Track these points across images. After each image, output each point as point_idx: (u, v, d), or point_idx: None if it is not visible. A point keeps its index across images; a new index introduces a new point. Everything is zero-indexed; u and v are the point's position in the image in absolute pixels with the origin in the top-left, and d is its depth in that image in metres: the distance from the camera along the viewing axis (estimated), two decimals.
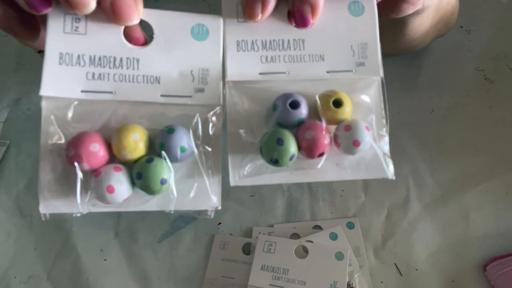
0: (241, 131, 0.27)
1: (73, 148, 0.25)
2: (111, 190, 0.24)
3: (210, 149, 0.27)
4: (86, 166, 0.25)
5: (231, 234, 0.41)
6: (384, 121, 0.28)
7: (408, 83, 0.49)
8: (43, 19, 0.25)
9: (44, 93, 0.26)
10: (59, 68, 0.25)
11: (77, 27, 0.25)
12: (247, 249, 0.40)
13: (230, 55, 0.27)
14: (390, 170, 0.28)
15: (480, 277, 0.37)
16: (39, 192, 0.27)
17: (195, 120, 0.26)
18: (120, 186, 0.24)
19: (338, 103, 0.27)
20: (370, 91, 0.28)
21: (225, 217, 0.42)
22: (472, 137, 0.44)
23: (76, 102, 0.26)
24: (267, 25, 0.27)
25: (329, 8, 0.27)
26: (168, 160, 0.25)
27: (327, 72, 0.27)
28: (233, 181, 0.27)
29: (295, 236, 0.40)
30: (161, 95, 0.26)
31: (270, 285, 0.36)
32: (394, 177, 0.28)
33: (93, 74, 0.25)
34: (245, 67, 0.27)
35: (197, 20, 0.26)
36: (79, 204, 0.25)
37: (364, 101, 0.28)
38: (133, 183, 0.25)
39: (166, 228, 0.42)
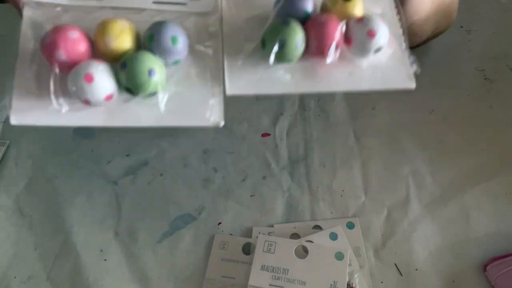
0: (239, 32, 0.24)
1: (50, 35, 0.22)
2: (89, 78, 0.21)
3: (210, 51, 0.23)
4: (63, 55, 0.21)
5: (231, 234, 0.41)
6: (398, 19, 0.24)
7: None
8: None
9: None
10: None
11: None
12: (247, 249, 0.40)
13: None
14: (411, 76, 0.24)
15: (480, 277, 0.37)
16: (12, 101, 0.23)
17: (190, 19, 0.24)
18: (101, 76, 0.21)
19: None
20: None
21: (225, 217, 0.42)
22: (472, 137, 0.44)
23: (59, 8, 0.23)
24: None
25: None
26: (158, 55, 0.22)
27: (153, 2, 0.24)
28: (230, 88, 0.23)
29: (295, 236, 0.40)
30: (153, 2, 0.24)
31: (270, 285, 0.36)
32: (414, 85, 0.24)
33: None
34: None
35: None
36: (53, 101, 0.22)
37: (375, 3, 0.25)
38: (118, 82, 0.22)
39: (166, 228, 0.42)
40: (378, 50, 0.23)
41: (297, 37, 0.22)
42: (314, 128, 0.47)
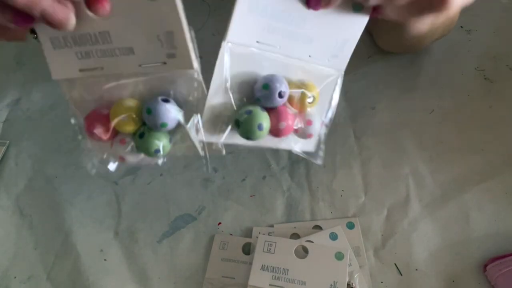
0: (217, 106, 0.29)
1: (85, 124, 0.28)
2: (122, 159, 0.30)
3: (198, 116, 0.28)
4: (96, 137, 0.28)
5: (231, 234, 0.41)
6: (330, 114, 0.32)
7: (408, 83, 0.49)
8: None
9: (55, 77, 0.27)
10: (54, 52, 0.26)
11: None
12: (247, 249, 0.40)
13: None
14: (320, 157, 0.34)
15: (480, 277, 0.37)
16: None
17: (171, 75, 0.27)
18: (128, 155, 0.29)
19: (312, 101, 0.30)
20: (328, 87, 0.31)
21: (225, 217, 0.42)
22: (472, 137, 0.44)
23: (79, 81, 0.28)
24: None
25: None
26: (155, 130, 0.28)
27: (139, 65, 0.26)
28: (206, 137, 0.29)
29: (295, 236, 0.40)
30: (139, 65, 0.26)
31: (270, 285, 0.36)
32: (321, 163, 0.34)
33: (81, 53, 0.26)
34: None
35: None
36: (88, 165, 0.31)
37: (324, 96, 0.31)
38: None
39: (166, 228, 0.42)
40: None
41: (263, 137, 0.29)
42: None
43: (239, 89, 0.29)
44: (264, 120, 0.28)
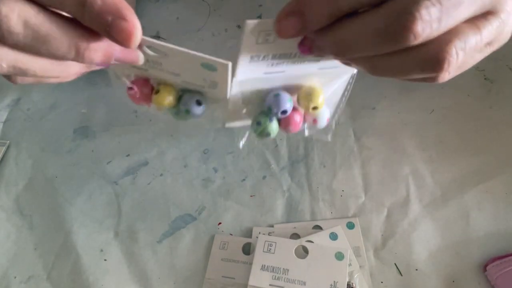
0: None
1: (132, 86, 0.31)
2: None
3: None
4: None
5: (231, 234, 0.41)
6: (339, 108, 0.34)
7: (408, 83, 0.49)
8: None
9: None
10: None
11: None
12: (247, 249, 0.40)
13: None
14: (328, 134, 0.35)
15: (480, 277, 0.37)
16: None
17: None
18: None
19: (316, 108, 0.31)
20: (338, 85, 0.32)
21: (225, 217, 0.42)
22: (472, 137, 0.44)
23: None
24: None
25: None
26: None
27: (182, 81, 0.29)
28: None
29: (295, 236, 0.40)
30: (182, 81, 0.29)
31: (270, 285, 0.36)
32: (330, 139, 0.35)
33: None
34: None
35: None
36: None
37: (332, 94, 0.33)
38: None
39: (166, 228, 0.42)
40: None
41: (273, 136, 0.32)
42: None
43: (252, 99, 0.31)
44: (272, 130, 0.32)
